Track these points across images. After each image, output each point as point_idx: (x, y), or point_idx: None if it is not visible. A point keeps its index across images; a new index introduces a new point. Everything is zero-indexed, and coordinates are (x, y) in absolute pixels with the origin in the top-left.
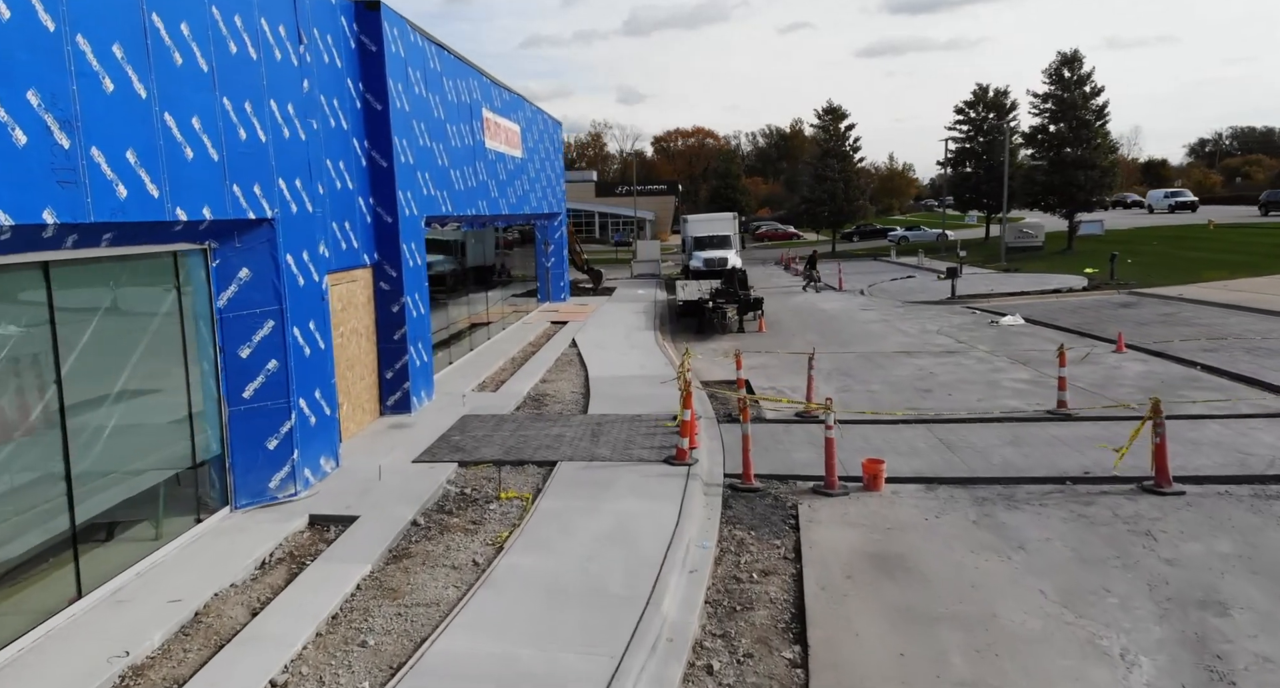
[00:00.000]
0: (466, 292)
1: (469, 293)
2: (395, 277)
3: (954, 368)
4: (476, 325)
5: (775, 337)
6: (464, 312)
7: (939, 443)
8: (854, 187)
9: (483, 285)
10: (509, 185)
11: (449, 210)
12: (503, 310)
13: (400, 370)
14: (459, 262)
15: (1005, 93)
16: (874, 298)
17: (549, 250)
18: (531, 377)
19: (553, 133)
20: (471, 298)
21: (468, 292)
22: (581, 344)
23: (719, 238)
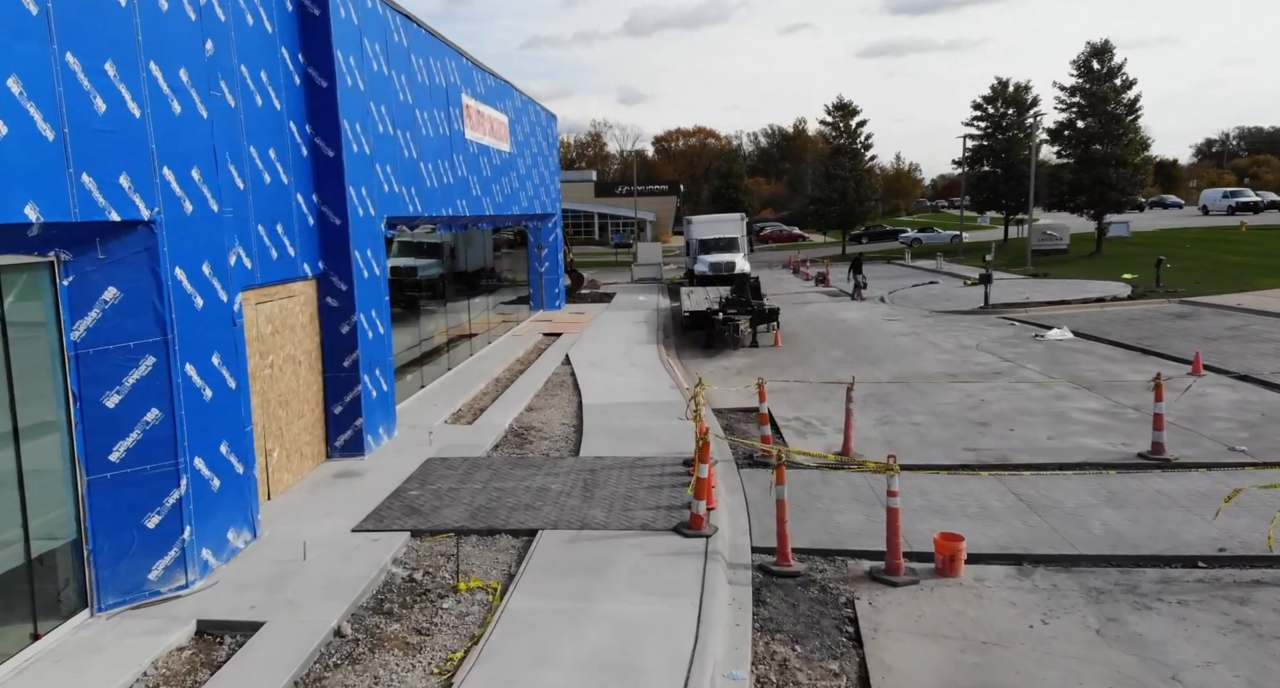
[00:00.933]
0: (452, 299)
1: (454, 301)
2: (345, 290)
3: (1007, 394)
4: (458, 339)
5: (794, 352)
6: (443, 323)
7: (1017, 501)
8: (865, 186)
9: (471, 292)
10: (494, 182)
11: (418, 210)
12: (490, 321)
13: (351, 404)
14: (448, 265)
15: (1026, 88)
16: (897, 306)
17: (542, 254)
18: (516, 404)
19: (546, 126)
20: (455, 307)
21: (453, 299)
22: (576, 362)
23: (725, 240)
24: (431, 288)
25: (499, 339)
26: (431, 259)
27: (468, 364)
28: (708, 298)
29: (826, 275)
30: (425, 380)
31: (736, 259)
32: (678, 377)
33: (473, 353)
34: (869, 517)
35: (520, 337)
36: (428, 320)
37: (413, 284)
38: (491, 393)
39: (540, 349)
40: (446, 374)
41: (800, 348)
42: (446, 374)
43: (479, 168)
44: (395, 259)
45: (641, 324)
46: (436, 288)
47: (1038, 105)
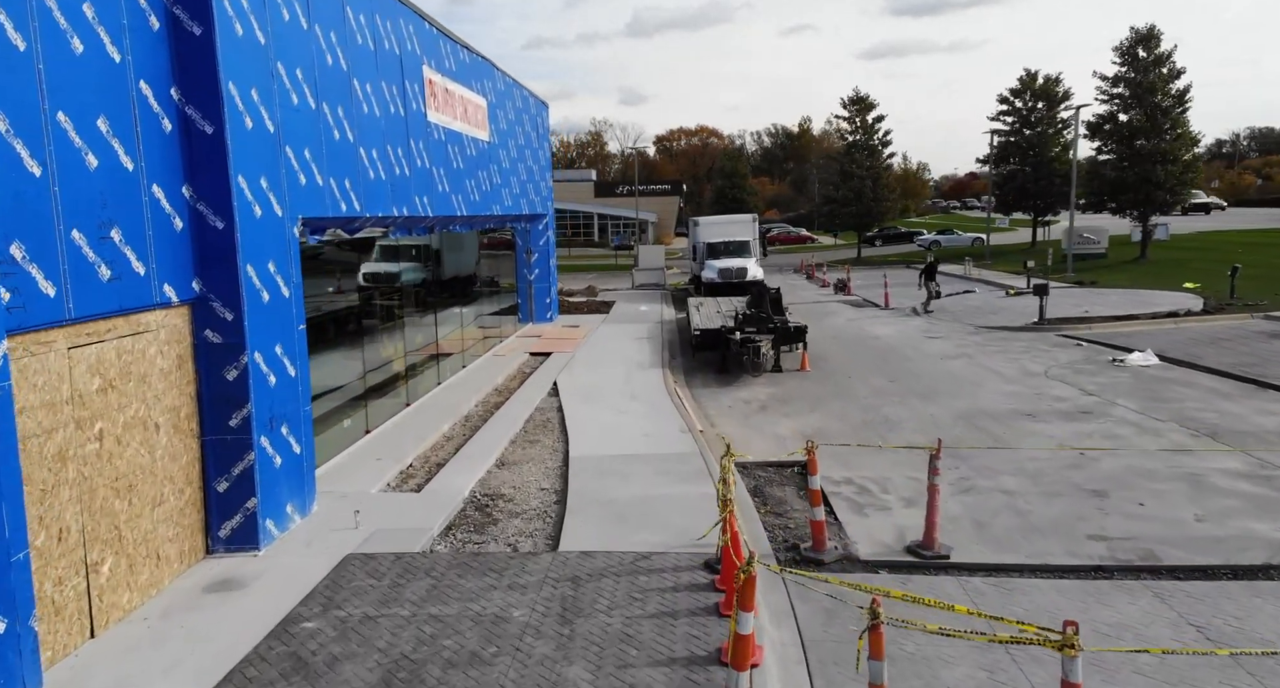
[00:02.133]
0: (419, 313)
1: (423, 315)
2: (232, 320)
3: (1110, 444)
4: (424, 363)
5: (825, 379)
6: (407, 343)
7: (1200, 637)
8: (883, 185)
9: (446, 304)
10: (468, 177)
11: (356, 208)
12: (467, 338)
13: (242, 478)
14: (434, 271)
15: (1057, 80)
16: (936, 320)
17: (532, 260)
18: (484, 456)
19: (536, 115)
20: (423, 322)
21: (421, 313)
22: (565, 392)
23: (736, 244)
24: (406, 297)
25: (476, 362)
26: (410, 264)
27: (434, 396)
28: (720, 312)
29: (847, 282)
30: (374, 421)
31: (748, 265)
32: (688, 414)
33: (441, 381)
34: (992, 674)
35: (502, 357)
36: (385, 341)
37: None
38: (456, 438)
39: (524, 374)
40: (404, 412)
41: (832, 373)
42: (404, 412)
43: (447, 158)
44: (371, 265)
45: (643, 341)
46: (403, 300)
47: (1070, 99)
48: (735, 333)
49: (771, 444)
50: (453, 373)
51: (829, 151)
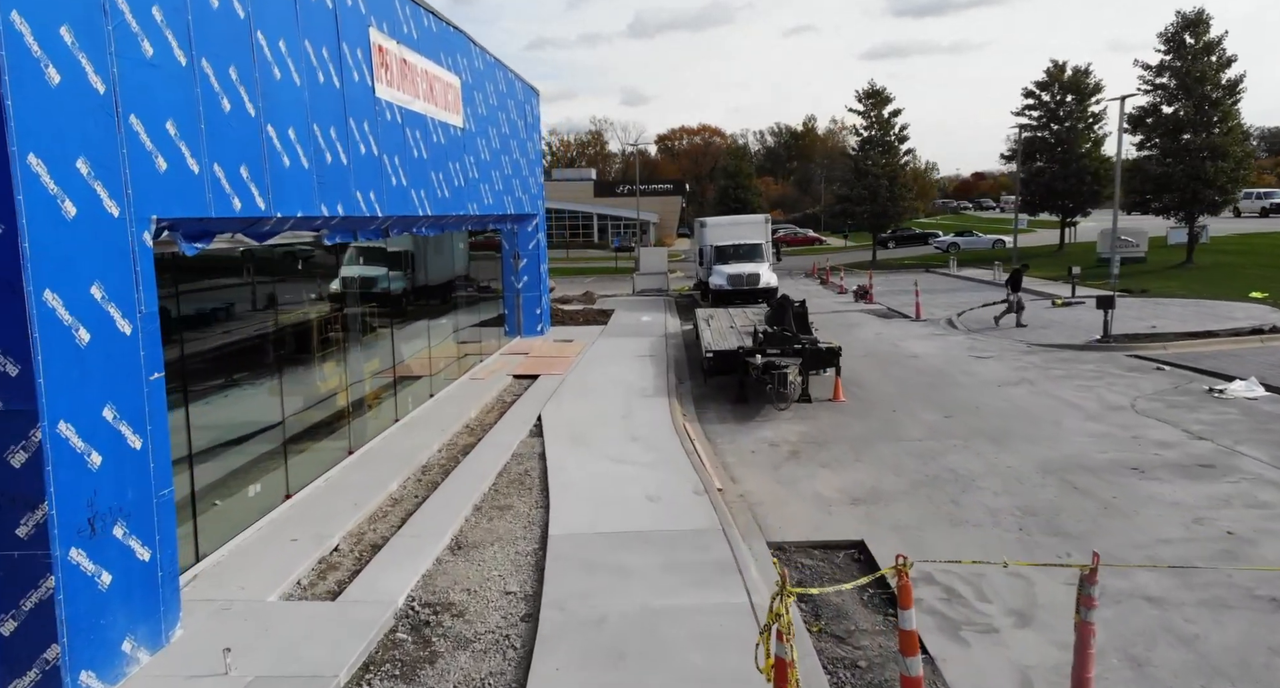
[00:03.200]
0: (401, 322)
1: (406, 323)
2: (17, 376)
3: (1260, 516)
4: (381, 392)
5: (867, 413)
6: (351, 368)
7: None
8: (900, 183)
9: (422, 313)
10: (435, 168)
11: (259, 206)
12: (440, 358)
13: (38, 614)
14: (411, 278)
15: (1087, 71)
16: (979, 335)
17: (519, 266)
18: (436, 532)
19: (524, 101)
20: (389, 338)
21: (404, 322)
22: (551, 431)
23: (746, 247)
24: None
25: (448, 388)
26: (386, 270)
27: (387, 439)
28: (735, 328)
29: (869, 288)
30: (299, 481)
31: (761, 271)
32: (703, 464)
33: (400, 416)
34: None
35: (481, 381)
36: (323, 368)
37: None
38: (405, 502)
39: (505, 404)
40: (343, 463)
41: (873, 404)
42: (343, 463)
43: (405, 145)
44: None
45: (645, 359)
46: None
47: (1100, 91)
48: (756, 356)
49: (812, 509)
50: (417, 405)
51: (834, 150)
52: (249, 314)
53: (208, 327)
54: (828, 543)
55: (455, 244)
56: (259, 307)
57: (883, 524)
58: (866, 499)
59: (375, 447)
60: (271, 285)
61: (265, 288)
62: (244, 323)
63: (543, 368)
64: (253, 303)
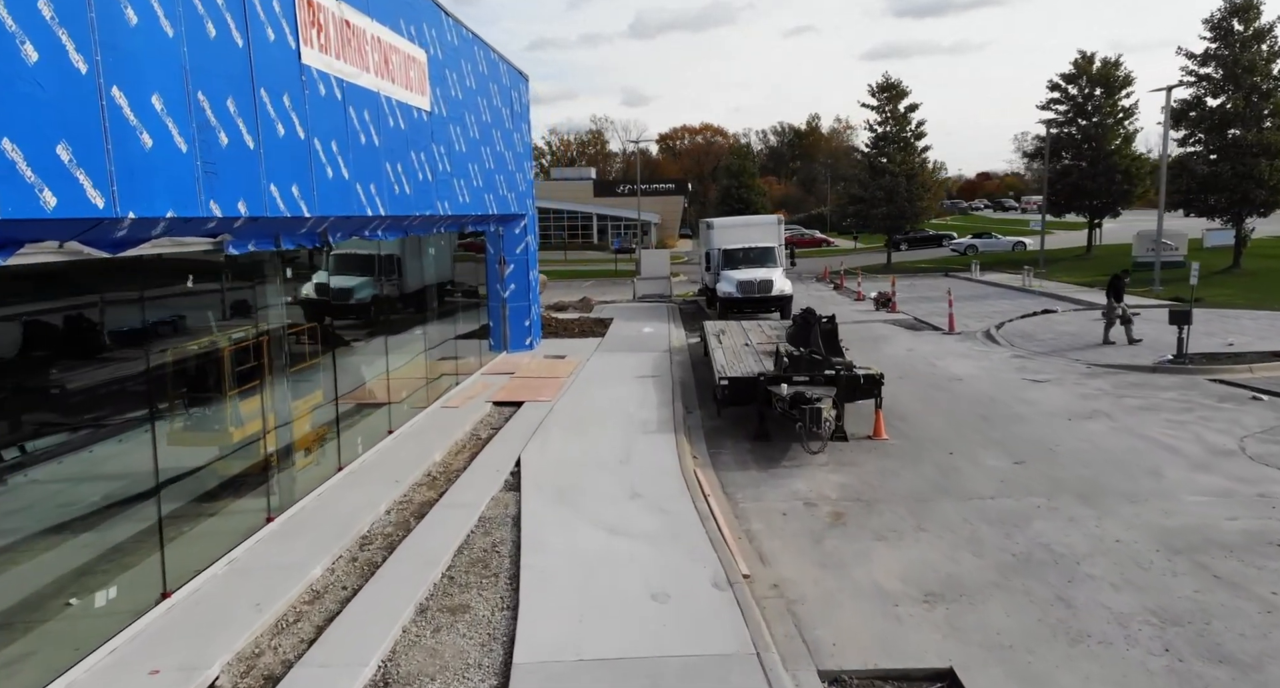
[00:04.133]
0: (362, 340)
1: (368, 340)
2: None
3: None
4: (333, 428)
5: (917, 457)
6: (306, 397)
7: None
8: (918, 183)
9: (399, 325)
10: (392, 158)
11: (99, 204)
12: (411, 379)
13: None
14: (396, 285)
15: (1117, 63)
16: (1026, 352)
17: (506, 273)
18: (354, 663)
19: (511, 87)
20: (361, 354)
21: (366, 339)
22: (531, 484)
23: (758, 251)
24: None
25: (413, 420)
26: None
27: (322, 497)
28: (751, 346)
29: (891, 296)
30: (181, 572)
31: (774, 277)
32: (724, 536)
33: (345, 463)
34: None
35: (454, 410)
36: (246, 405)
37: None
38: (327, 598)
39: (479, 441)
40: (260, 534)
41: (922, 444)
42: (260, 534)
43: (346, 127)
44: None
45: (647, 381)
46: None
47: (1131, 84)
48: (781, 384)
49: (874, 612)
50: (370, 445)
51: (838, 150)
52: (131, 339)
53: (70, 359)
54: (903, 673)
55: (427, 248)
56: (154, 332)
57: (973, 639)
58: (944, 594)
59: (306, 508)
60: (164, 299)
61: (162, 306)
62: (119, 357)
63: (528, 392)
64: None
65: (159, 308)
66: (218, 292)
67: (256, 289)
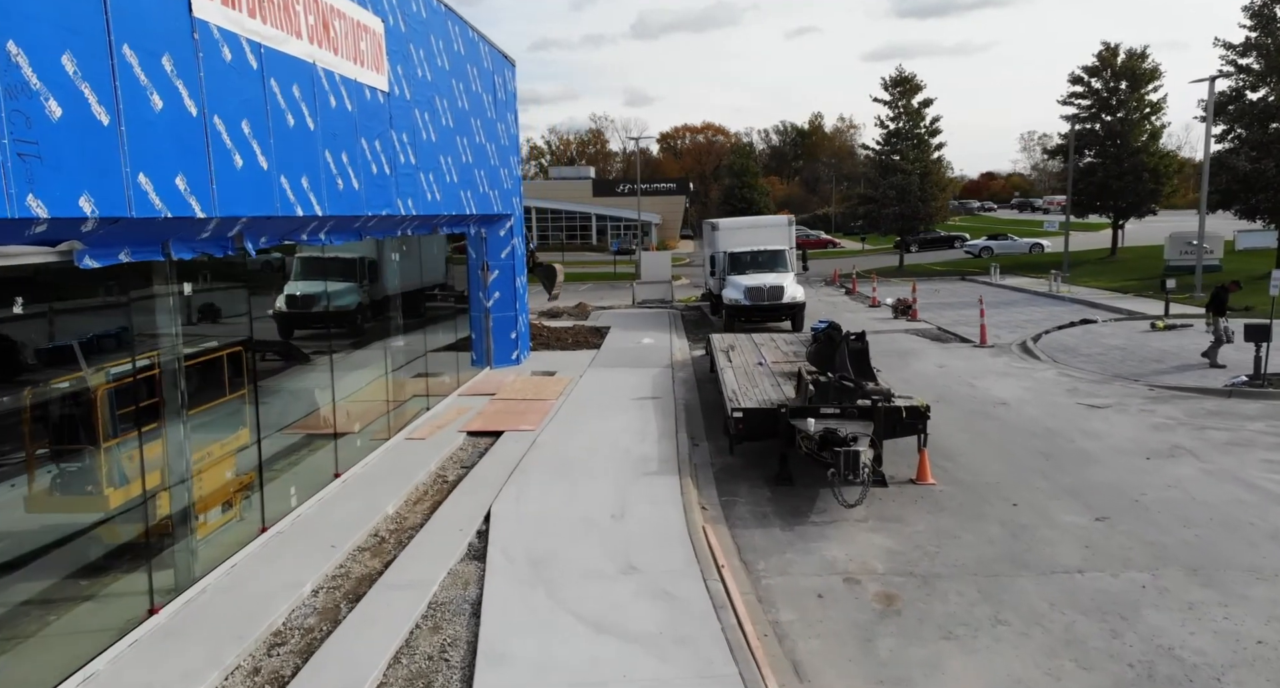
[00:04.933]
0: (330, 351)
1: (339, 351)
2: None
3: None
4: (280, 463)
5: (976, 510)
6: (226, 439)
7: None
8: (933, 181)
9: (379, 334)
10: (335, 146)
11: None
12: (372, 403)
13: None
14: (366, 291)
15: (1143, 54)
16: (1073, 370)
17: (489, 281)
18: None
19: (491, 72)
20: (309, 377)
21: (335, 350)
22: (499, 552)
23: (767, 255)
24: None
25: (370, 457)
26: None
27: (235, 570)
28: (764, 364)
29: (911, 303)
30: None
31: (784, 282)
32: (745, 639)
33: (269, 524)
34: None
35: (419, 442)
36: (127, 457)
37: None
38: None
39: (444, 485)
40: (135, 635)
41: (979, 492)
42: (135, 635)
43: (264, 106)
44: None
45: (647, 404)
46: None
47: (1158, 77)
48: (808, 418)
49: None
50: (307, 496)
51: (842, 149)
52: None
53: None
54: None
55: (413, 248)
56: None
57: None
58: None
59: (209, 590)
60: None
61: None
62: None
63: (509, 420)
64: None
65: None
66: (107, 313)
67: (168, 306)
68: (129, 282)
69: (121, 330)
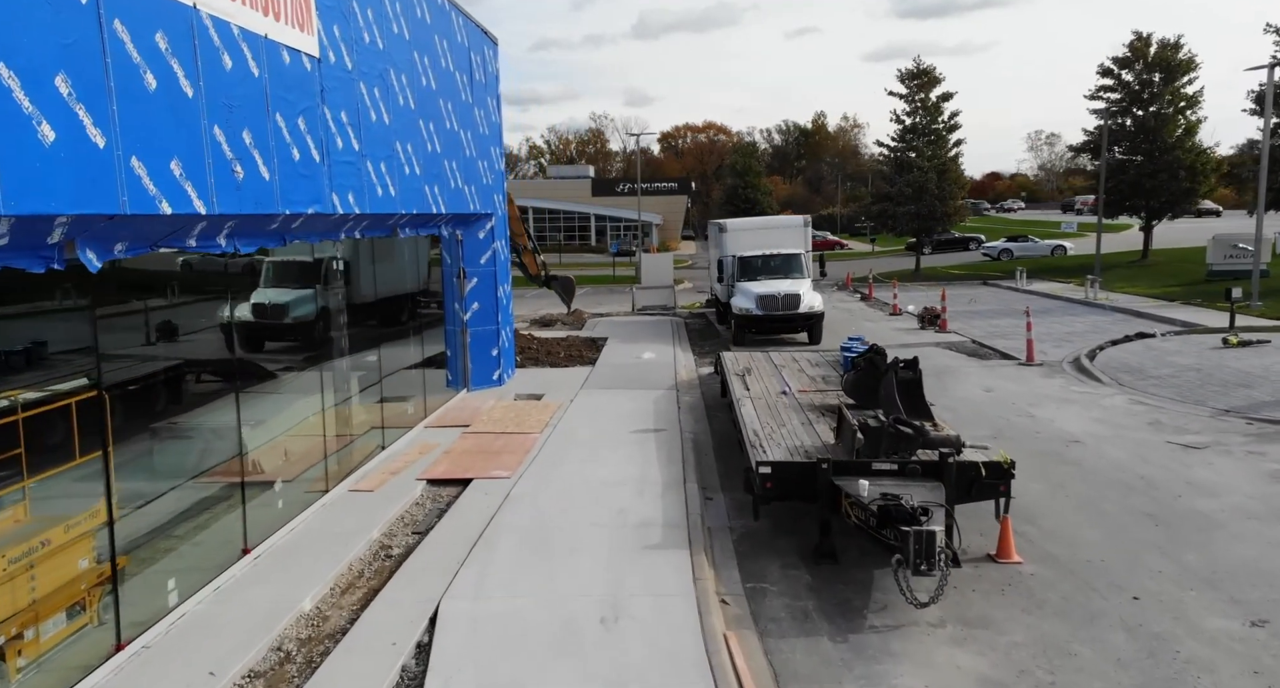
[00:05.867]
0: (262, 378)
1: (254, 386)
2: None
3: None
4: (161, 541)
5: (1089, 612)
6: (77, 520)
7: None
8: (950, 180)
9: (337, 350)
10: (233, 124)
11: None
12: (326, 435)
13: None
14: (329, 298)
15: (1177, 45)
16: (1147, 396)
17: (466, 290)
18: None
19: (467, 49)
20: (276, 390)
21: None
22: (441, 683)
23: (781, 259)
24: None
25: (299, 519)
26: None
27: None
28: (790, 395)
29: (940, 312)
30: None
31: (801, 290)
32: None
33: (129, 638)
34: None
35: (368, 495)
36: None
37: None
38: None
39: (386, 564)
40: None
41: (1079, 576)
42: None
43: (96, 61)
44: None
45: (648, 440)
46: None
47: (1195, 69)
48: (856, 480)
49: None
50: (200, 583)
51: (846, 149)
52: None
53: None
54: None
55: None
56: None
57: None
58: None
59: None
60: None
61: None
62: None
63: (480, 464)
64: None
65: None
66: None
67: None
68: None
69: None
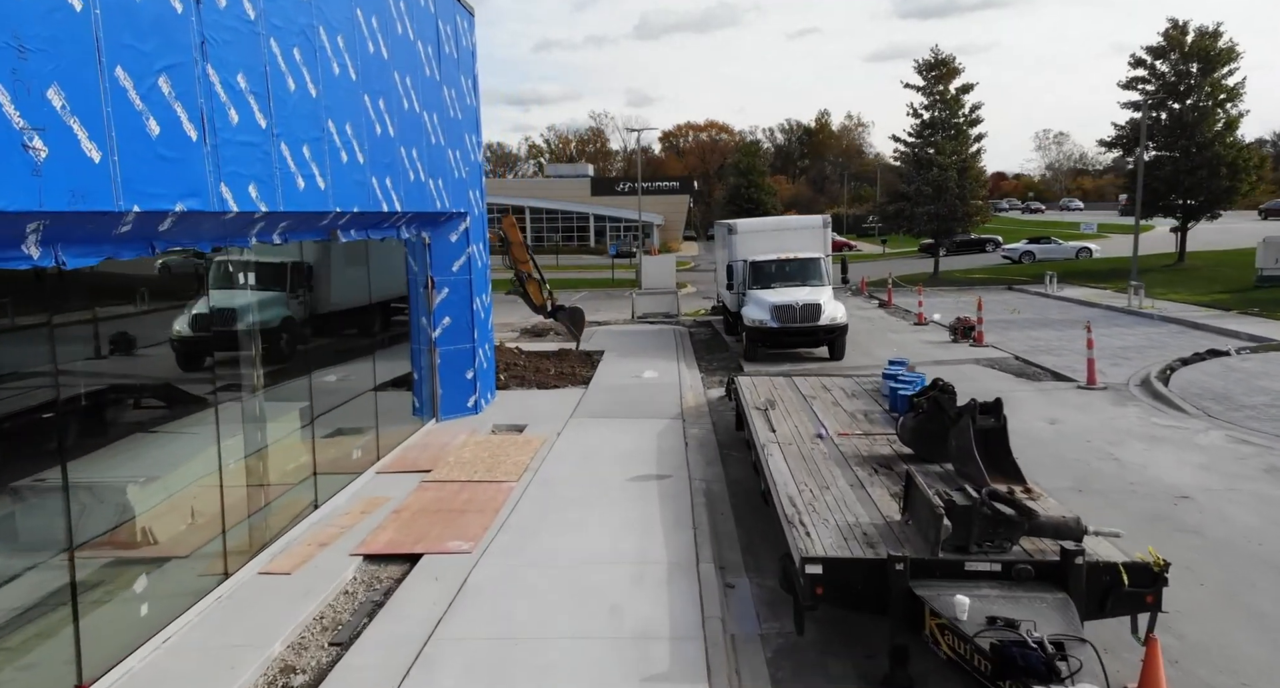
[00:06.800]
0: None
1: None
2: None
3: None
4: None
5: None
6: None
7: None
8: (972, 178)
9: (237, 383)
10: (33, 81)
11: None
12: (232, 494)
13: None
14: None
15: (1215, 34)
16: (1247, 430)
17: (436, 302)
18: None
19: (435, 17)
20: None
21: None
22: None
23: (798, 264)
24: None
25: (180, 622)
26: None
27: None
28: (828, 439)
29: (975, 324)
30: None
31: (821, 299)
32: None
33: None
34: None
35: (280, 579)
36: None
37: None
38: None
39: None
40: None
41: None
42: None
43: None
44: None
45: (650, 492)
46: None
47: (1236, 59)
48: (950, 592)
49: None
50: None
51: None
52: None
53: None
54: None
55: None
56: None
57: None
58: None
59: None
60: None
61: None
62: None
63: (436, 531)
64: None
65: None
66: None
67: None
68: None
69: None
